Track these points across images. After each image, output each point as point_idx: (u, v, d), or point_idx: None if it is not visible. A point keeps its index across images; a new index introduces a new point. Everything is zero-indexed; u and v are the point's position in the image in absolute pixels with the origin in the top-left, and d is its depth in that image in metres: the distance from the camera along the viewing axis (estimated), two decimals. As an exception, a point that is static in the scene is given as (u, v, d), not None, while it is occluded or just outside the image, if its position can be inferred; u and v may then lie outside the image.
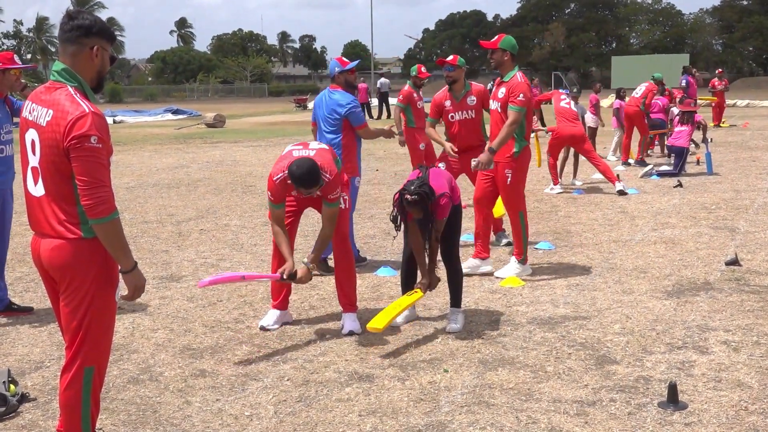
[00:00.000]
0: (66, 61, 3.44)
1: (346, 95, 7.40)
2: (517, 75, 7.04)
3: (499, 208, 8.11)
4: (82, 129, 3.27)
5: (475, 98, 8.26)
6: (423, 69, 11.57)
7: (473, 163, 6.97)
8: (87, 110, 3.32)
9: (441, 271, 5.93)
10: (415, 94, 11.26)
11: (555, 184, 12.59)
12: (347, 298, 5.87)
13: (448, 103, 8.31)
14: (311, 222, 9.57)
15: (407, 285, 5.89)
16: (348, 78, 7.51)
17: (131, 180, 14.82)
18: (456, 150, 8.18)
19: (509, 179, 7.15)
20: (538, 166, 13.78)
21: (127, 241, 3.46)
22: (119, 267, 3.47)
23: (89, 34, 3.43)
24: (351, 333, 5.70)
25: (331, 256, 6.46)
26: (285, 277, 5.48)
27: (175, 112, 41.49)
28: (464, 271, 6.46)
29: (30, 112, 3.47)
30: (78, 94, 3.39)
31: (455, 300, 5.87)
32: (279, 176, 5.54)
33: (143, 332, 5.85)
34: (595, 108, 16.20)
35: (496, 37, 7.17)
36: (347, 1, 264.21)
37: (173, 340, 5.67)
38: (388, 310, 5.54)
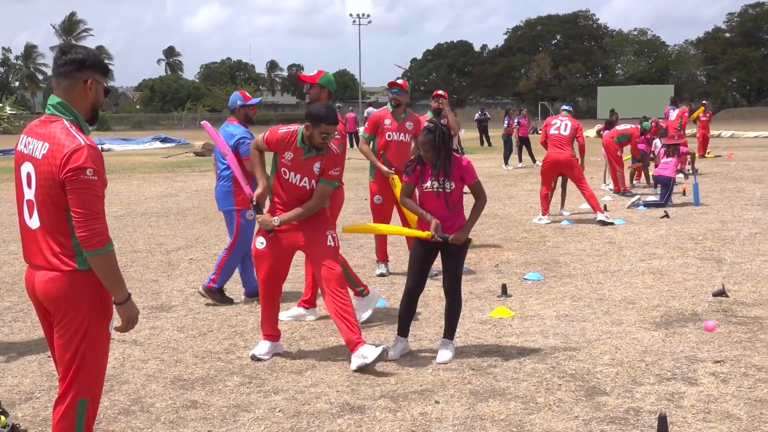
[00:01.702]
0: (60, 95, 3.48)
1: (238, 127, 7.47)
2: None
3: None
4: (77, 162, 3.31)
5: (412, 125, 8.57)
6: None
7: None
8: (83, 143, 3.36)
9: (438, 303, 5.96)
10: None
11: (543, 214, 12.61)
12: (357, 331, 5.64)
13: (388, 121, 8.58)
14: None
15: (405, 318, 5.93)
16: (248, 113, 7.62)
17: (120, 209, 14.82)
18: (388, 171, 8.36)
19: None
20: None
21: (121, 273, 3.49)
22: (113, 298, 3.50)
23: (83, 68, 3.47)
24: (384, 351, 5.58)
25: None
26: (255, 200, 5.78)
27: (164, 140, 41.54)
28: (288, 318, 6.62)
29: (25, 146, 3.51)
30: (73, 127, 3.43)
31: (449, 332, 5.89)
32: (284, 129, 5.82)
33: (134, 363, 5.84)
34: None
35: (316, 72, 6.98)
36: (336, 30, 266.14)
37: (164, 370, 5.66)
38: (382, 226, 5.77)
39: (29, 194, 3.49)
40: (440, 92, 10.11)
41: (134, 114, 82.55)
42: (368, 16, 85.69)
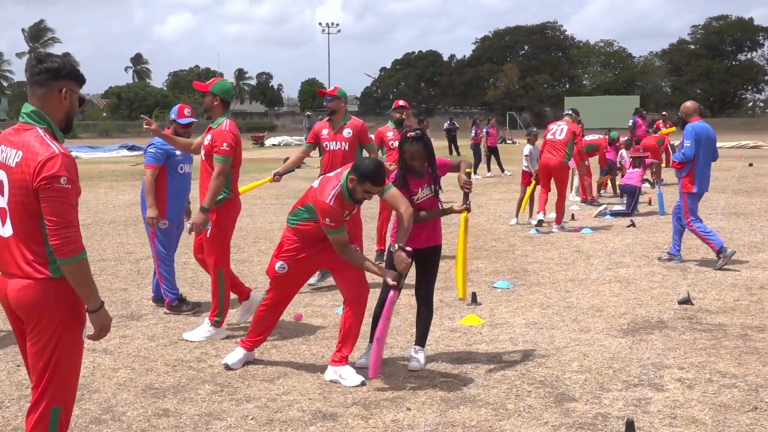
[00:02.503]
0: (35, 103, 3.49)
1: (157, 138, 7.37)
2: (224, 122, 6.56)
3: None
4: (51, 170, 3.32)
5: (351, 131, 8.46)
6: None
7: (187, 226, 6.58)
8: (57, 151, 3.37)
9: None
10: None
11: (538, 211, 12.74)
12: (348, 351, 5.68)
13: (325, 131, 8.54)
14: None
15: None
16: (178, 129, 7.52)
17: (87, 217, 14.70)
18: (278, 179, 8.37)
19: (208, 231, 6.59)
20: (522, 210, 13.74)
21: (94, 281, 3.49)
22: (86, 306, 3.50)
23: (58, 77, 3.48)
24: (363, 384, 5.50)
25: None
26: (394, 282, 5.43)
27: (131, 148, 41.20)
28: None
29: None
30: (47, 136, 3.44)
31: (421, 339, 5.94)
32: (331, 197, 5.41)
33: (104, 372, 5.82)
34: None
35: (211, 80, 6.86)
36: (306, 39, 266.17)
37: (135, 379, 5.65)
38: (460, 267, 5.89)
39: (2, 202, 3.48)
40: (402, 103, 10.25)
41: (101, 122, 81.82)
42: (337, 25, 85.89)
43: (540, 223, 12.70)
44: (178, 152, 7.46)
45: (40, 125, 3.47)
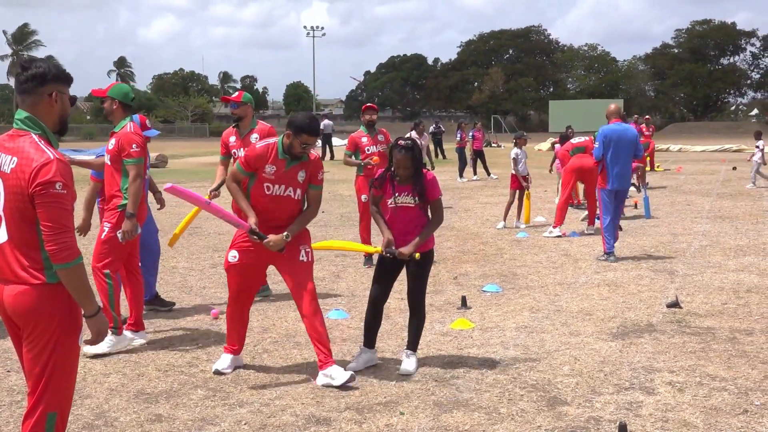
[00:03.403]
0: (27, 110, 3.49)
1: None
2: (128, 125, 6.54)
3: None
4: (47, 176, 3.33)
5: (258, 136, 8.03)
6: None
7: (119, 235, 6.47)
8: (52, 157, 3.38)
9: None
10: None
11: (555, 226, 12.57)
12: (327, 350, 5.62)
13: (232, 139, 8.24)
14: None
15: (371, 329, 5.97)
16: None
17: (75, 221, 14.59)
18: (218, 193, 8.10)
19: (104, 233, 6.53)
20: (527, 222, 13.74)
21: (90, 286, 3.49)
22: (83, 311, 3.50)
23: (45, 82, 3.48)
24: (352, 378, 5.52)
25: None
26: (253, 229, 5.53)
27: (116, 151, 41.02)
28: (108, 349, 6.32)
29: None
30: (42, 141, 3.45)
31: (413, 344, 5.94)
32: (262, 143, 5.76)
33: (95, 377, 5.80)
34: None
35: (108, 85, 6.83)
36: (292, 42, 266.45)
37: (126, 384, 5.63)
38: (336, 243, 5.75)
39: None
40: (370, 105, 10.27)
41: (85, 125, 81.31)
42: (322, 28, 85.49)
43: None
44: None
45: (35, 131, 3.48)
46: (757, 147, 20.63)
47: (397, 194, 5.75)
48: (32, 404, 3.51)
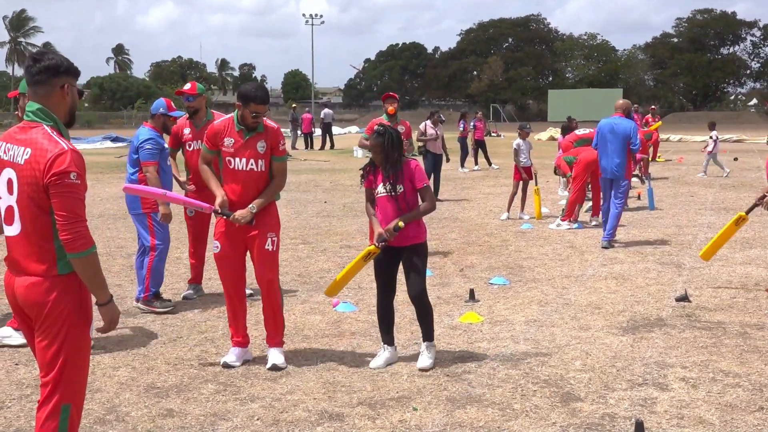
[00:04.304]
0: (40, 101, 3.51)
1: (147, 132, 7.37)
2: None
3: None
4: (62, 166, 3.36)
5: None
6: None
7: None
8: (66, 148, 3.41)
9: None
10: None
11: (564, 220, 12.47)
12: (276, 333, 5.95)
13: (187, 131, 8.00)
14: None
15: (386, 326, 5.92)
16: (167, 123, 7.57)
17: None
18: (191, 185, 7.90)
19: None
20: (538, 218, 13.60)
21: (103, 275, 3.50)
22: (96, 300, 3.52)
23: (58, 74, 3.51)
24: (275, 367, 5.75)
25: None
26: (219, 209, 5.64)
27: (115, 139, 40.90)
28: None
29: (5, 152, 3.52)
30: (54, 133, 3.47)
31: (427, 335, 5.87)
32: (219, 120, 5.93)
33: (104, 370, 5.76)
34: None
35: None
36: (290, 30, 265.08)
37: (136, 378, 5.60)
38: (342, 275, 5.84)
39: (10, 200, 3.50)
40: (389, 93, 10.12)
41: (83, 112, 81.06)
42: (321, 16, 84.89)
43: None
44: (166, 145, 7.58)
45: (47, 122, 3.50)
46: (711, 138, 21.32)
47: (380, 184, 5.75)
48: (46, 395, 3.51)
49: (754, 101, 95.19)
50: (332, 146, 34.97)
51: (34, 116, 3.50)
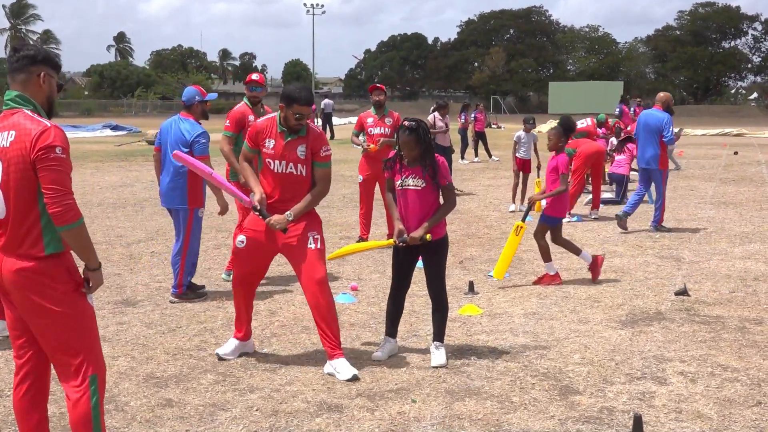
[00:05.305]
0: (18, 88, 3.64)
1: (195, 125, 7.39)
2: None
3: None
4: (47, 140, 3.47)
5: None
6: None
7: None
8: (49, 125, 3.53)
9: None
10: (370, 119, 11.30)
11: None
12: (338, 341, 5.56)
13: (251, 118, 8.01)
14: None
15: (393, 319, 5.92)
16: (204, 109, 7.58)
17: (75, 198, 14.53)
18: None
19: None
20: (538, 210, 13.51)
21: (92, 242, 3.63)
22: (88, 265, 3.62)
23: (35, 62, 3.64)
24: (355, 377, 5.38)
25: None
26: (257, 207, 5.46)
27: (114, 128, 40.89)
28: None
29: None
30: (36, 115, 3.59)
31: (439, 335, 5.81)
32: (263, 118, 5.77)
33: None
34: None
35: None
36: (291, 20, 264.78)
37: (135, 368, 5.60)
38: (351, 249, 5.77)
39: None
40: (376, 85, 10.33)
41: (83, 100, 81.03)
42: (322, 6, 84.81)
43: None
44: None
45: (27, 107, 3.62)
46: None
47: (404, 176, 5.68)
48: (73, 371, 3.61)
49: (755, 95, 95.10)
50: (332, 136, 34.90)
51: (13, 103, 3.63)
